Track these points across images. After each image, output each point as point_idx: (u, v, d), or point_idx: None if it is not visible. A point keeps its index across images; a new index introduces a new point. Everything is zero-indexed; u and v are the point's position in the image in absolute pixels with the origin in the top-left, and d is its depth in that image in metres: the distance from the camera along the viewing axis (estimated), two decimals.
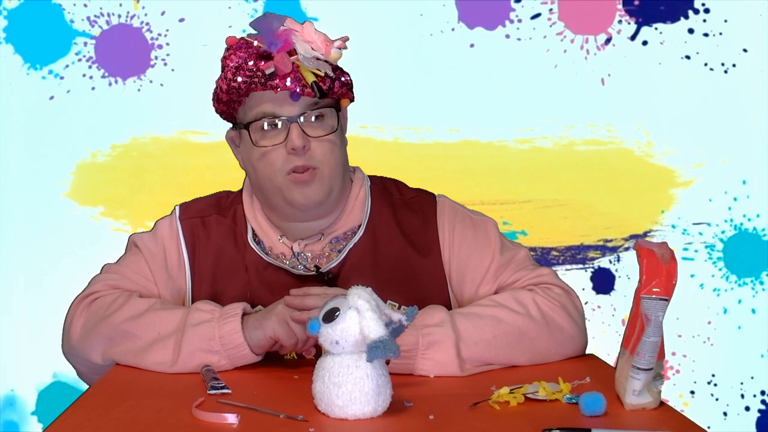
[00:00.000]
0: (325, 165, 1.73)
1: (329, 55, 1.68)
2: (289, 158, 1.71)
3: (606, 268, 2.88)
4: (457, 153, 2.85)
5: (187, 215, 1.84)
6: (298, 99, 1.69)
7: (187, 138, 2.81)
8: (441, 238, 1.81)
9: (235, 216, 1.83)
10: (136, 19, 2.80)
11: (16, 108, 2.79)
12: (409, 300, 1.73)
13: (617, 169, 2.87)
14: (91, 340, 1.74)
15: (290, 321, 1.62)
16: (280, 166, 1.72)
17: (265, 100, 1.71)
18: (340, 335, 1.36)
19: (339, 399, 1.35)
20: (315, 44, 1.68)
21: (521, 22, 2.84)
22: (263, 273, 1.78)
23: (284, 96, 1.69)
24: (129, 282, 1.80)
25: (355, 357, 1.36)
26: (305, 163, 1.71)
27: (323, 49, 1.68)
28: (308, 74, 1.67)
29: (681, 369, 2.86)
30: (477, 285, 1.78)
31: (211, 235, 1.81)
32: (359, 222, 1.81)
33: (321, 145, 1.72)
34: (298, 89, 1.68)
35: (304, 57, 1.67)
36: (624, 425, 1.34)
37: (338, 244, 1.79)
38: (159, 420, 1.36)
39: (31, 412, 2.80)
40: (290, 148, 1.69)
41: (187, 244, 1.81)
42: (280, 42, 1.67)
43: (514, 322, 1.67)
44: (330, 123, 1.74)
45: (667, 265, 1.39)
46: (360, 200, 1.83)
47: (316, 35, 1.68)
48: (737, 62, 2.85)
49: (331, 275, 1.76)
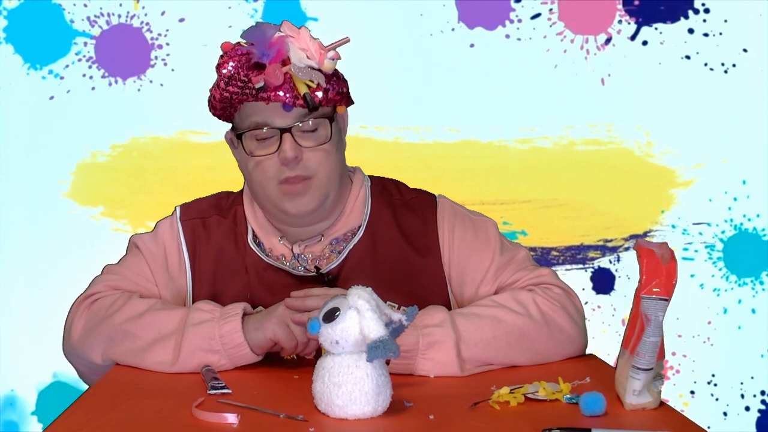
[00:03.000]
0: (319, 173, 1.72)
1: (323, 65, 1.67)
2: (282, 168, 1.70)
3: (606, 268, 2.88)
4: (457, 153, 2.85)
5: (188, 216, 1.84)
6: (291, 110, 1.68)
7: (187, 138, 2.81)
8: (441, 238, 1.81)
9: (236, 217, 1.83)
10: (136, 19, 2.80)
11: (16, 108, 2.79)
12: (408, 300, 1.71)
13: (617, 169, 2.87)
14: (92, 340, 1.74)
15: (290, 323, 1.62)
16: (272, 175, 1.71)
17: (258, 110, 1.70)
18: (340, 335, 1.36)
19: (339, 399, 1.35)
20: (309, 52, 1.66)
21: (521, 22, 2.84)
22: (263, 274, 1.78)
23: (277, 106, 1.68)
24: (129, 283, 1.80)
25: (355, 357, 1.36)
26: (298, 173, 1.71)
27: (317, 57, 1.67)
28: (301, 85, 1.66)
29: (681, 369, 2.86)
30: (477, 285, 1.78)
31: (212, 236, 1.82)
32: (359, 223, 1.81)
33: (315, 155, 1.71)
34: (290, 101, 1.67)
35: (297, 67, 1.66)
36: (624, 425, 1.34)
37: (338, 245, 1.79)
38: (159, 420, 1.36)
39: (31, 412, 2.80)
40: (282, 158, 1.69)
41: (188, 245, 1.81)
42: (273, 53, 1.66)
43: (514, 322, 1.67)
44: (324, 132, 1.72)
45: (667, 265, 1.39)
46: (360, 201, 1.82)
47: (311, 42, 1.67)
48: (737, 62, 2.85)
49: (331, 276, 1.76)
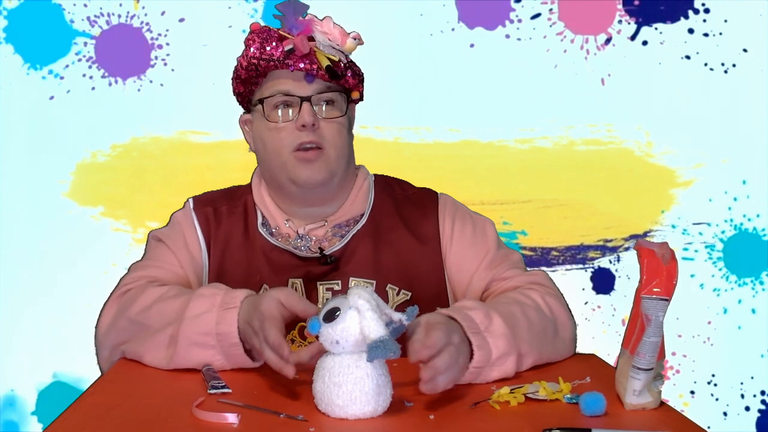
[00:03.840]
0: (331, 145, 1.79)
1: (345, 45, 1.77)
2: (298, 134, 1.77)
3: (606, 268, 2.88)
4: (457, 153, 2.86)
5: (201, 205, 1.90)
6: (312, 81, 1.77)
7: (187, 138, 2.81)
8: (441, 228, 1.86)
9: (246, 205, 1.89)
10: (136, 19, 2.80)
11: (16, 108, 2.79)
12: (406, 286, 1.80)
13: (617, 169, 2.88)
14: (113, 333, 1.75)
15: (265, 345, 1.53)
16: (288, 142, 1.78)
17: (282, 79, 1.78)
18: (341, 335, 1.36)
19: (339, 399, 1.35)
20: (332, 36, 1.76)
21: (521, 22, 2.84)
22: (269, 255, 1.83)
23: (299, 76, 1.77)
24: (157, 269, 1.83)
25: (355, 357, 1.36)
26: (313, 139, 1.77)
27: (339, 40, 1.77)
28: (323, 59, 1.76)
29: (681, 369, 2.86)
30: (471, 274, 1.83)
31: (223, 223, 1.87)
32: (362, 211, 1.87)
33: (330, 126, 1.79)
34: (313, 71, 1.76)
35: (321, 44, 1.76)
36: (624, 425, 1.34)
37: (341, 230, 1.85)
38: (159, 420, 1.36)
39: (31, 412, 2.80)
40: (300, 124, 1.76)
41: (202, 229, 1.87)
42: (301, 27, 1.76)
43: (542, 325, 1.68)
44: (340, 107, 1.81)
45: (667, 265, 1.39)
46: (363, 191, 1.88)
47: (334, 28, 1.77)
48: (737, 62, 2.85)
49: (334, 258, 1.81)
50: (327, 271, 1.81)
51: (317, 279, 1.81)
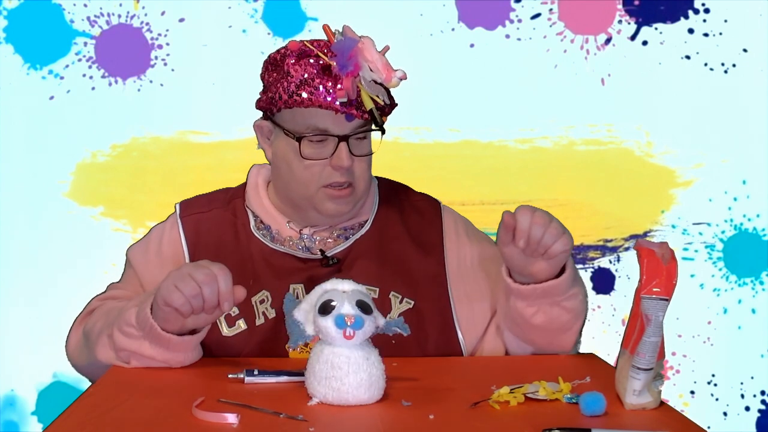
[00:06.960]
0: (360, 182, 1.78)
1: (389, 82, 1.69)
2: (331, 173, 1.74)
3: (606, 268, 2.88)
4: (457, 153, 2.85)
5: (188, 212, 1.87)
6: (352, 120, 1.73)
7: (187, 138, 2.81)
8: (444, 237, 1.86)
9: (236, 209, 1.86)
10: (136, 19, 2.80)
11: (16, 108, 2.79)
12: (410, 294, 1.79)
13: (617, 169, 2.88)
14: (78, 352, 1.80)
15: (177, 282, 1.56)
16: (319, 178, 1.75)
17: (320, 116, 1.73)
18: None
19: (334, 387, 1.38)
20: (374, 65, 1.68)
21: (521, 22, 2.84)
22: (269, 259, 1.80)
23: (340, 116, 1.72)
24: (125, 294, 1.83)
25: (350, 345, 1.39)
26: (346, 179, 1.75)
27: (383, 73, 1.68)
28: (368, 100, 1.69)
29: (681, 369, 2.86)
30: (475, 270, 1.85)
31: (212, 229, 1.84)
32: (367, 217, 1.86)
33: (360, 164, 1.77)
34: (357, 114, 1.71)
35: (365, 80, 1.69)
36: (624, 425, 1.34)
37: (346, 232, 1.84)
38: (159, 420, 1.36)
39: (31, 412, 2.80)
40: (337, 165, 1.73)
41: (188, 240, 1.83)
42: (351, 66, 1.68)
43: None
44: (370, 141, 1.79)
45: (667, 265, 1.39)
46: (370, 197, 1.87)
47: (377, 56, 1.69)
48: (737, 62, 2.85)
49: (336, 259, 1.80)
50: (330, 275, 1.80)
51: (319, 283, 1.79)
